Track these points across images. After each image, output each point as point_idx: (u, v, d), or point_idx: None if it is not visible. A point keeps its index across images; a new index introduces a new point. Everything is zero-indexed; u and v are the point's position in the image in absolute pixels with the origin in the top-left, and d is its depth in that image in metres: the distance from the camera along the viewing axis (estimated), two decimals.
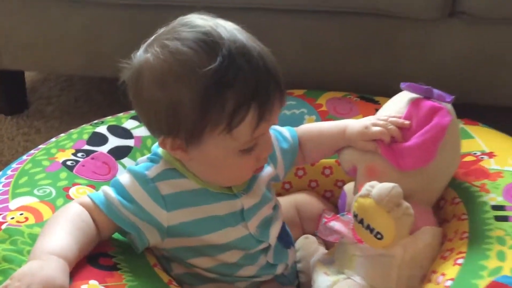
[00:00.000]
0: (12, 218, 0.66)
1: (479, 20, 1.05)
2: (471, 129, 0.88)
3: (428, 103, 0.73)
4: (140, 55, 0.64)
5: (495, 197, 0.70)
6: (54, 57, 1.25)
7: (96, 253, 0.63)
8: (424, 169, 0.71)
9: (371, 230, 0.63)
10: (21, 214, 0.67)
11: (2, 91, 1.35)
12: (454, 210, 0.72)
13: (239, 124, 0.60)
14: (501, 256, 0.59)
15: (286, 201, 0.87)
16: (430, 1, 1.03)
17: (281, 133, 0.76)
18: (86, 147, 0.84)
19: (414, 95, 0.75)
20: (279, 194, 0.89)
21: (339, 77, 1.11)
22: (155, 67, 0.60)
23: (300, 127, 0.79)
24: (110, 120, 0.92)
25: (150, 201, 0.64)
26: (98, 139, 0.86)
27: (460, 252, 0.62)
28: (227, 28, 0.61)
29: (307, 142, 0.77)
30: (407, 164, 0.70)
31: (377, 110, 0.81)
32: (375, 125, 0.72)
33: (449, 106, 0.73)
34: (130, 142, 0.87)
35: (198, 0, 1.08)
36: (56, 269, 0.54)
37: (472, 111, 0.96)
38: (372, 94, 1.00)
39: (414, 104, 0.74)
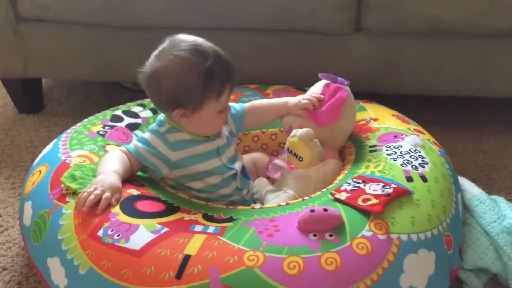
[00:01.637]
0: (76, 160, 1.06)
1: (378, 34, 1.49)
2: (367, 105, 1.32)
3: (334, 85, 1.17)
4: (154, 63, 1.00)
5: (372, 141, 1.14)
6: (70, 67, 1.61)
7: (129, 180, 1.03)
8: (332, 126, 1.14)
9: (296, 156, 1.06)
10: (80, 158, 1.07)
11: (25, 95, 1.73)
12: (349, 151, 1.16)
13: (222, 94, 1.01)
14: (367, 167, 1.03)
15: (246, 158, 1.28)
16: (343, 21, 1.46)
17: (233, 106, 1.18)
18: (110, 123, 1.24)
19: (326, 81, 1.19)
20: (242, 153, 1.31)
21: (282, 77, 1.52)
22: (171, 68, 0.98)
23: (253, 101, 1.22)
24: (122, 107, 1.32)
25: (162, 145, 1.03)
26: (117, 119, 1.26)
27: (347, 168, 1.06)
28: (201, 40, 1.02)
29: (257, 109, 1.19)
30: (322, 122, 1.14)
31: None
32: (304, 99, 1.16)
33: (347, 88, 1.18)
34: (138, 121, 1.27)
35: (179, 23, 1.48)
36: (115, 178, 0.95)
37: (377, 97, 1.41)
38: (304, 87, 1.43)
39: (326, 86, 1.18)
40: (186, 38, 1.02)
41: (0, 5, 1.54)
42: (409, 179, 0.97)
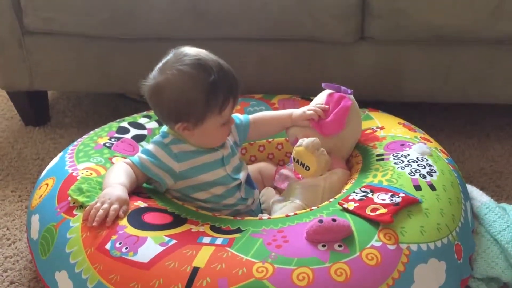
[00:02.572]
0: (82, 173, 1.06)
1: (382, 42, 1.49)
2: (372, 114, 1.32)
3: (337, 94, 1.17)
4: (157, 76, 1.00)
5: (379, 150, 1.14)
6: (73, 79, 1.62)
7: (136, 192, 1.03)
8: (338, 135, 1.14)
9: (303, 165, 1.06)
10: (87, 171, 1.07)
11: (31, 107, 1.74)
12: (355, 160, 1.16)
13: (225, 109, 1.01)
14: (374, 176, 1.03)
15: (252, 168, 1.28)
16: (345, 29, 1.46)
17: (237, 116, 1.18)
18: (116, 135, 1.24)
19: (329, 91, 1.19)
20: (248, 163, 1.31)
21: (286, 87, 1.52)
22: (174, 82, 0.98)
23: (257, 113, 1.21)
24: (128, 118, 1.33)
25: (167, 156, 1.03)
26: (123, 130, 1.26)
27: (354, 178, 1.06)
28: (205, 53, 1.01)
29: (261, 121, 1.19)
30: (327, 132, 1.13)
31: None
32: (309, 110, 1.16)
33: (351, 97, 1.17)
34: (144, 132, 1.27)
35: (182, 34, 1.48)
36: (122, 190, 0.95)
37: (382, 105, 1.40)
38: (309, 96, 1.42)
39: (329, 96, 1.18)
40: (190, 52, 1.02)
41: (6, 18, 1.56)
42: (418, 188, 0.96)
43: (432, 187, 0.98)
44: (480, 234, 1.05)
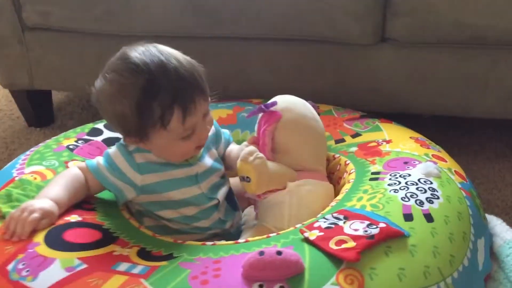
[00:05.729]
0: (26, 177, 0.93)
1: (406, 45, 1.29)
2: (383, 125, 1.11)
3: (264, 115, 0.97)
4: (98, 82, 0.86)
5: (377, 167, 0.93)
6: (74, 78, 1.53)
7: (82, 202, 0.88)
8: (282, 150, 0.96)
9: (245, 179, 0.88)
10: (31, 175, 0.94)
11: (32, 108, 1.66)
12: (349, 177, 0.95)
13: (169, 123, 0.80)
14: (360, 199, 0.82)
15: (237, 181, 1.10)
16: (364, 30, 1.27)
17: (226, 133, 1.02)
18: (86, 137, 1.11)
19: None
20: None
21: (293, 91, 1.34)
22: (105, 91, 0.83)
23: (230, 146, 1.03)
24: None
25: (127, 166, 0.87)
26: (95, 132, 1.13)
27: (336, 200, 0.86)
28: (152, 52, 0.82)
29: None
30: (265, 154, 0.94)
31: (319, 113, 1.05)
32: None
33: (279, 107, 0.97)
34: (120, 135, 1.14)
35: (182, 32, 1.36)
36: (48, 204, 0.80)
37: (407, 119, 1.18)
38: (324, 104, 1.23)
39: (258, 123, 0.99)
40: (131, 53, 0.83)
41: (6, 13, 1.50)
42: (408, 217, 0.76)
43: (428, 217, 0.76)
44: (498, 282, 0.82)
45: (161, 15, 1.37)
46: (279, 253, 0.64)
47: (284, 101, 0.99)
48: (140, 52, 0.83)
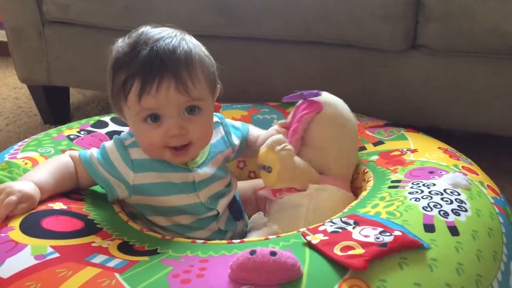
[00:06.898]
0: (15, 161, 0.87)
1: (440, 53, 1.19)
2: (409, 134, 1.01)
3: (305, 102, 0.92)
4: None
5: (398, 176, 0.83)
6: (90, 74, 1.49)
7: (71, 191, 0.81)
8: (313, 145, 0.89)
9: (266, 168, 0.80)
10: (23, 161, 0.88)
11: (49, 104, 1.63)
12: (366, 185, 0.86)
13: (128, 94, 0.75)
14: (375, 206, 0.73)
15: (246, 184, 1.02)
16: (394, 35, 1.18)
17: (237, 127, 0.94)
18: (89, 128, 1.05)
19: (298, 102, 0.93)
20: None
21: None
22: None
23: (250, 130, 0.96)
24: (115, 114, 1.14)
25: (121, 162, 0.80)
26: (100, 124, 1.07)
27: (350, 206, 0.76)
28: (159, 29, 0.79)
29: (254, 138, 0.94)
30: (293, 141, 0.87)
31: None
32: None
33: (322, 100, 0.91)
34: (125, 129, 1.07)
35: (202, 30, 1.29)
36: (29, 186, 0.73)
37: (436, 134, 1.07)
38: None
39: (296, 108, 0.93)
40: (149, 28, 0.80)
41: (28, 7, 1.48)
42: (429, 227, 0.66)
43: (453, 230, 0.66)
44: None
45: (181, 13, 1.32)
46: (273, 253, 0.55)
47: (328, 95, 0.93)
48: (151, 27, 0.80)
